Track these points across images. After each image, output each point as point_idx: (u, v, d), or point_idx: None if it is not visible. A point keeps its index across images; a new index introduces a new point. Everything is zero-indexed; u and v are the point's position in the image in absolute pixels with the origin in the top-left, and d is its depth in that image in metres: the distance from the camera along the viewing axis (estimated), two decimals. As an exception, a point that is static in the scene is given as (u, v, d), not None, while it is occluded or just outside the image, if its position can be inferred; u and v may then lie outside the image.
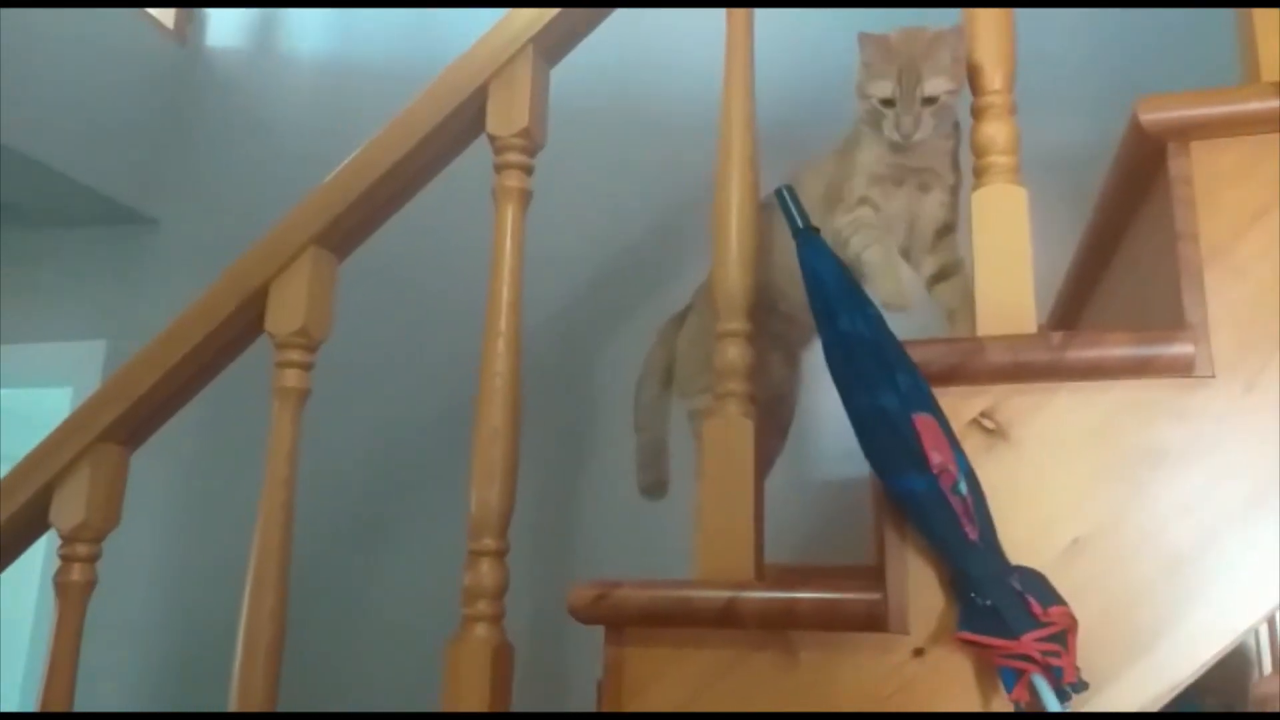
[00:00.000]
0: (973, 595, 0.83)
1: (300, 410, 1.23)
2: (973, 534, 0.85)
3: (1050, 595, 0.83)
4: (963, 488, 0.86)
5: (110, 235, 2.75)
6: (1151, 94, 0.95)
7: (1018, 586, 0.83)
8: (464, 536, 1.13)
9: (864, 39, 1.14)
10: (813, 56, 2.24)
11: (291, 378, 1.23)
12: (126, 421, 1.26)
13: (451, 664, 1.10)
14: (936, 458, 0.86)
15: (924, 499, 0.85)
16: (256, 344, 1.31)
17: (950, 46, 1.08)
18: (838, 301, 0.92)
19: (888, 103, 1.10)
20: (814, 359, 1.41)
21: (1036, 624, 0.81)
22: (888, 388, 0.88)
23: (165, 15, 2.81)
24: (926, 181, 1.16)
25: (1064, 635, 0.81)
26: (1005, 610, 0.81)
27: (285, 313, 1.23)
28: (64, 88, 2.47)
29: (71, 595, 1.26)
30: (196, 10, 2.87)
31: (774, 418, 1.34)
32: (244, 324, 1.27)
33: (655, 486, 1.41)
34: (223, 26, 2.86)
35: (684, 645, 0.96)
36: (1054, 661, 0.80)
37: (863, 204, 1.16)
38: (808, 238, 0.96)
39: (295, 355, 1.23)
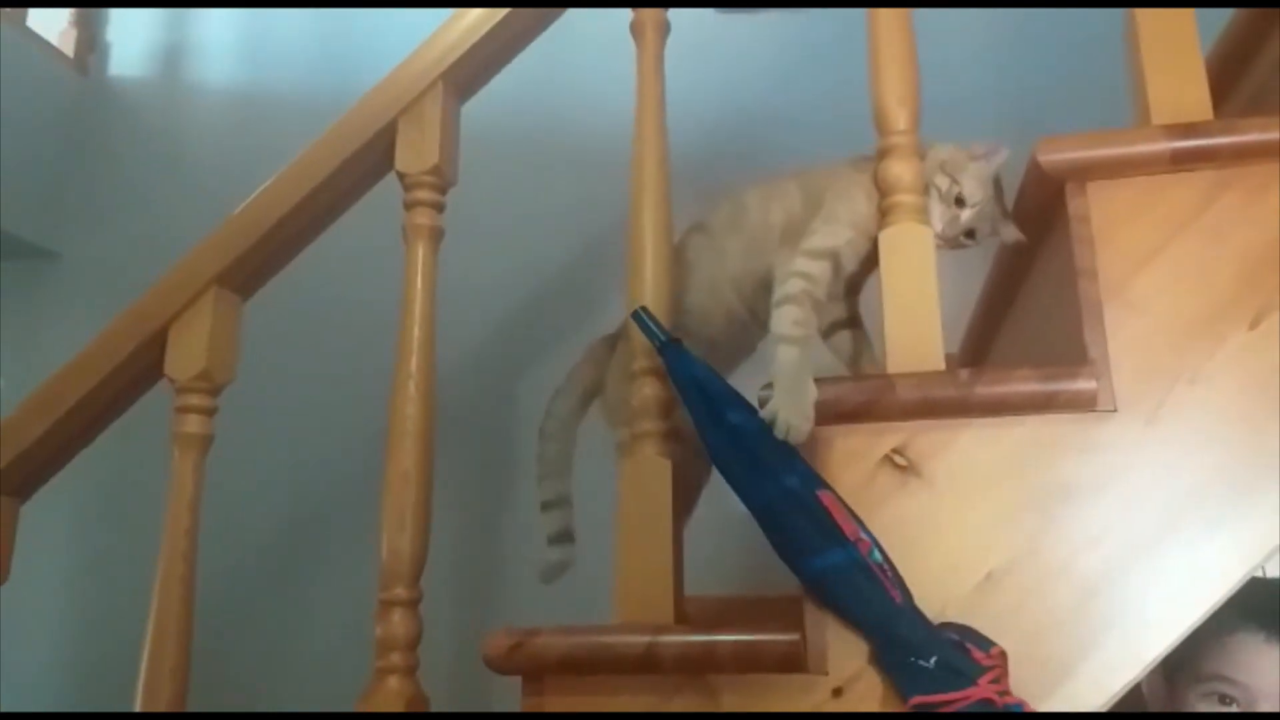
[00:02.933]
0: (913, 659, 0.83)
1: (203, 457, 1.19)
2: (899, 598, 0.86)
3: (983, 640, 0.84)
4: (878, 555, 0.87)
5: (8, 270, 2.63)
6: (1051, 135, 0.97)
7: (955, 638, 0.84)
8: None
9: (998, 153, 1.06)
10: (728, 86, 2.27)
11: (193, 423, 1.18)
12: (15, 471, 1.20)
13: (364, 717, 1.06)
14: (850, 528, 0.87)
15: (847, 571, 0.86)
16: (157, 388, 1.25)
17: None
18: (722, 399, 0.93)
19: (962, 203, 1.03)
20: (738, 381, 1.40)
21: (984, 668, 0.82)
22: (788, 470, 0.89)
23: (66, 44, 2.72)
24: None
25: (1005, 673, 0.83)
26: (954, 663, 0.82)
27: (186, 356, 1.18)
28: (-44, 119, 2.36)
29: (-46, 658, 1.19)
30: (99, 39, 2.79)
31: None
32: (142, 368, 1.21)
33: (559, 501, 1.34)
34: (127, 56, 2.77)
35: (603, 693, 0.94)
36: (1010, 700, 0.82)
37: (823, 258, 1.04)
38: (673, 350, 0.97)
39: (196, 400, 1.18)
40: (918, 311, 0.97)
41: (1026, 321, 1.24)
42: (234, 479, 1.86)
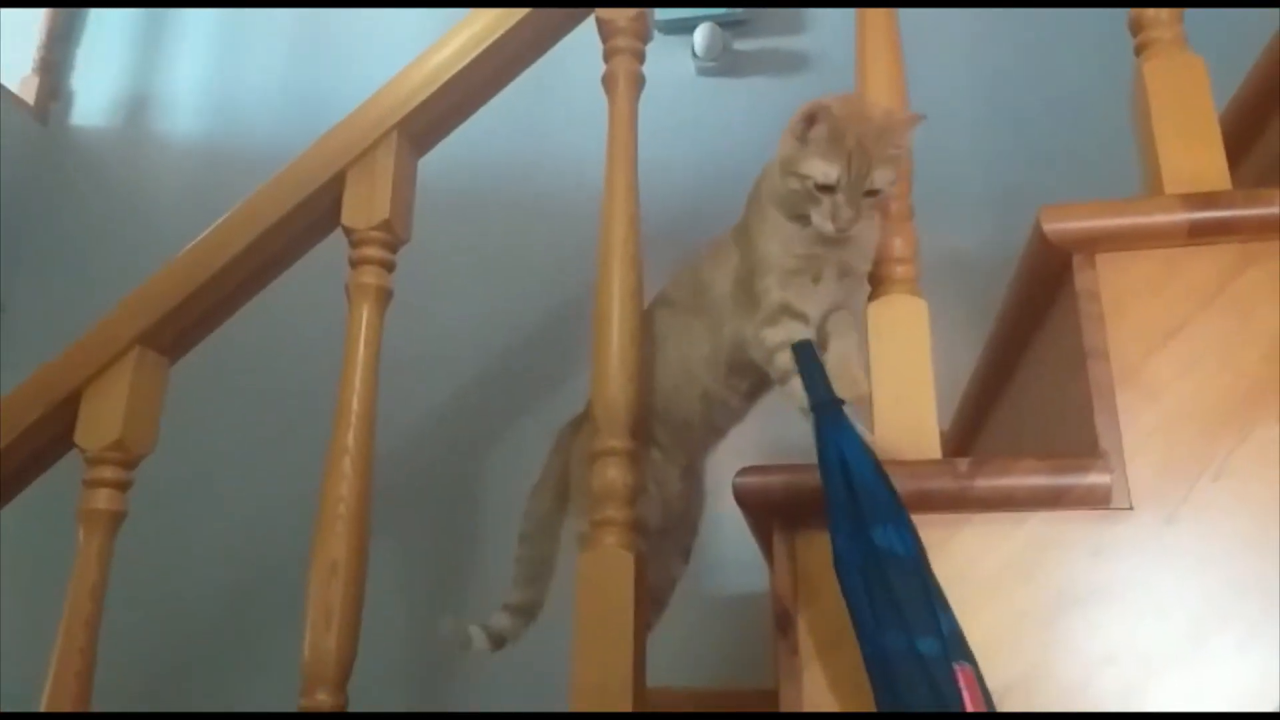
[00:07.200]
0: None
1: (111, 537, 1.07)
2: None
3: None
4: None
5: (-55, 322, 2.50)
6: (1055, 203, 0.89)
7: None
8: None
9: (818, 109, 0.94)
10: (706, 148, 2.20)
11: (103, 499, 1.07)
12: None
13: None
14: None
15: None
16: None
17: (901, 134, 0.94)
18: (872, 505, 0.76)
19: (827, 189, 0.93)
20: (714, 471, 1.29)
21: None
22: (929, 629, 0.72)
23: (27, 92, 2.64)
24: (845, 269, 1.00)
25: None
26: None
27: (99, 423, 1.07)
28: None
29: None
30: (63, 88, 2.71)
31: (673, 538, 1.20)
32: (50, 436, 1.10)
33: (527, 607, 1.23)
34: (90, 105, 2.69)
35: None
36: None
37: (783, 313, 0.97)
38: (833, 416, 0.80)
39: (108, 473, 1.07)
40: (910, 393, 0.88)
41: (1027, 403, 1.14)
42: (152, 561, 1.70)
